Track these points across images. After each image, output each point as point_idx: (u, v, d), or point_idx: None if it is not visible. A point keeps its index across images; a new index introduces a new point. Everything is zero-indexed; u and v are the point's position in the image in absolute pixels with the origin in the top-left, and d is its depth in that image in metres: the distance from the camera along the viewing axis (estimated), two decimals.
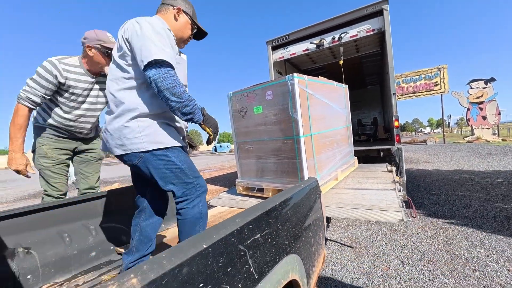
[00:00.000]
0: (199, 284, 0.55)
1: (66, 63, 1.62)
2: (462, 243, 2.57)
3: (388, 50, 3.99)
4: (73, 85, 1.65)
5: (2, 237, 1.24)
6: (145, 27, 1.12)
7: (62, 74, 1.59)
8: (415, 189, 5.10)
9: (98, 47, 1.64)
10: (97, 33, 1.67)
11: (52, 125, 1.68)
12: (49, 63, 1.55)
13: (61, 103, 1.66)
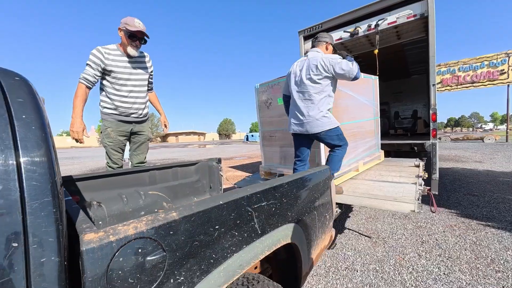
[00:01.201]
0: (215, 226, 0.81)
1: (107, 48, 2.05)
2: (493, 245, 2.45)
3: (430, 37, 3.71)
4: (114, 65, 2.06)
5: (82, 193, 1.70)
6: (334, 57, 2.08)
7: (105, 56, 2.02)
8: (455, 189, 4.74)
9: (124, 29, 2.00)
10: (127, 18, 2.03)
11: (113, 112, 2.12)
12: (95, 50, 2.01)
13: (113, 84, 2.08)
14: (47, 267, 0.50)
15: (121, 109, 2.15)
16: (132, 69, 2.16)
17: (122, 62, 2.10)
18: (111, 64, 2.04)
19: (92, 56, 2.00)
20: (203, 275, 0.74)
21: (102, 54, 2.01)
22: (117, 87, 2.10)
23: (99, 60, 2.00)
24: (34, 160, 0.53)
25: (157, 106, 2.62)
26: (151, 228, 0.66)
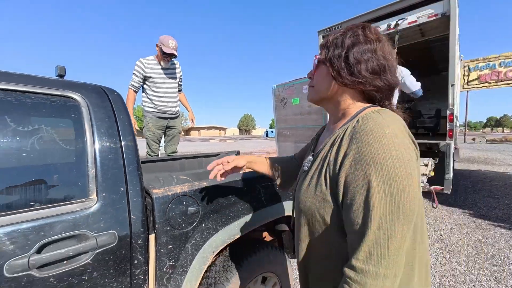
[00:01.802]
0: (233, 194, 1.15)
1: (147, 59, 2.52)
2: (498, 244, 2.52)
3: (451, 37, 3.70)
4: (152, 72, 2.52)
5: None
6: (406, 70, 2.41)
7: (145, 66, 2.49)
8: (475, 191, 4.65)
9: (160, 47, 2.44)
10: (164, 37, 2.46)
11: (153, 110, 2.58)
12: (138, 61, 2.50)
13: (152, 87, 2.55)
14: (137, 204, 0.87)
15: (159, 107, 2.59)
16: (166, 75, 2.62)
17: (158, 70, 2.57)
18: (150, 72, 2.51)
19: (136, 66, 2.51)
20: (223, 226, 1.09)
21: (143, 64, 2.49)
22: (155, 89, 2.55)
23: (141, 69, 2.49)
24: (128, 143, 0.90)
25: (186, 104, 3.05)
26: (190, 189, 1.01)
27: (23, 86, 0.76)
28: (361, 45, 0.59)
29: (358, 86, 0.60)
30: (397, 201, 0.45)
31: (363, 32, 0.61)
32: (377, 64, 0.58)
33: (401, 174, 0.46)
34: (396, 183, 0.45)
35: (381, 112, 0.54)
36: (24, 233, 0.66)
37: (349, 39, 0.60)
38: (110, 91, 0.95)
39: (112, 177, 0.83)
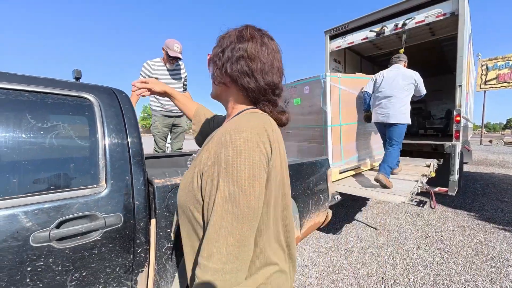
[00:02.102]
0: None
1: (153, 61, 2.68)
2: (499, 246, 2.51)
3: (459, 37, 3.66)
4: (158, 73, 2.68)
5: None
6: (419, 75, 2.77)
7: (152, 68, 2.65)
8: (484, 194, 4.55)
9: (166, 51, 2.59)
10: (170, 41, 2.61)
11: (159, 109, 2.73)
12: (145, 63, 2.68)
13: None
14: (140, 191, 0.99)
15: (165, 107, 2.73)
16: (171, 76, 2.78)
17: (164, 71, 2.73)
18: (156, 73, 2.67)
19: (143, 68, 2.69)
20: None
21: (150, 66, 2.66)
22: None
23: (148, 71, 2.67)
24: (133, 139, 1.03)
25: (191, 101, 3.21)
26: None
27: (46, 88, 0.90)
28: (234, 45, 0.60)
29: (228, 85, 0.62)
30: (238, 201, 0.47)
31: (240, 32, 0.62)
32: (245, 63, 0.59)
33: (245, 175, 0.47)
34: (238, 184, 0.47)
35: (248, 116, 0.57)
36: (47, 211, 0.79)
37: (228, 39, 0.62)
38: (119, 92, 1.08)
39: (119, 167, 0.95)
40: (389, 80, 2.78)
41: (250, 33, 0.61)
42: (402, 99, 2.70)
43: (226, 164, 0.48)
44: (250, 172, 0.48)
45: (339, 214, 3.53)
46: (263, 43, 0.61)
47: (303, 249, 2.53)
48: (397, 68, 2.91)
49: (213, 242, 0.47)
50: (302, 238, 1.79)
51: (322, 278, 2.03)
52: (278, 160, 0.56)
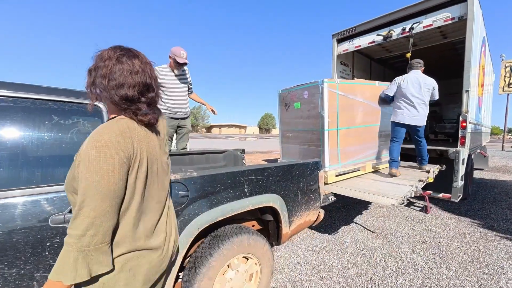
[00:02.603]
0: (218, 184, 1.40)
1: (161, 68, 2.89)
2: (497, 254, 2.49)
3: (467, 41, 3.61)
4: (166, 79, 2.89)
5: None
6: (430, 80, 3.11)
7: (160, 73, 2.85)
8: (494, 202, 4.42)
9: (173, 58, 2.79)
10: (176, 48, 2.81)
11: (166, 111, 2.94)
12: (155, 69, 2.81)
13: (166, 91, 2.91)
14: None
15: (171, 109, 2.93)
16: (177, 81, 2.98)
17: (171, 76, 2.94)
18: (163, 78, 2.88)
19: None
20: (208, 209, 1.35)
21: (158, 72, 2.87)
22: (168, 94, 2.90)
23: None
24: None
25: (200, 101, 3.41)
26: (182, 178, 1.28)
27: (66, 98, 1.09)
28: (97, 64, 0.74)
29: (99, 98, 0.76)
30: (100, 186, 0.65)
31: (102, 53, 0.75)
32: (101, 81, 0.72)
33: (105, 167, 0.65)
34: (99, 174, 0.65)
35: (112, 122, 0.73)
36: (63, 199, 0.97)
37: (97, 58, 0.75)
38: None
39: None
40: (415, 85, 3.07)
41: (108, 54, 0.74)
42: (427, 104, 3.12)
43: (90, 160, 0.65)
44: (109, 165, 0.66)
45: (338, 216, 3.60)
46: (119, 62, 0.74)
47: (298, 247, 2.64)
48: (417, 74, 3.17)
49: (75, 216, 0.64)
50: (292, 235, 1.90)
51: (312, 275, 2.13)
52: (139, 155, 0.74)
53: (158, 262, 0.83)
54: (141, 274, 0.77)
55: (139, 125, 0.78)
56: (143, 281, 0.78)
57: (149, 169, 0.79)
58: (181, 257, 1.26)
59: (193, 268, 1.36)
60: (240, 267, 1.53)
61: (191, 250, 1.48)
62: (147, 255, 0.80)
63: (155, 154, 0.83)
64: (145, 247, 0.79)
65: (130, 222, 0.75)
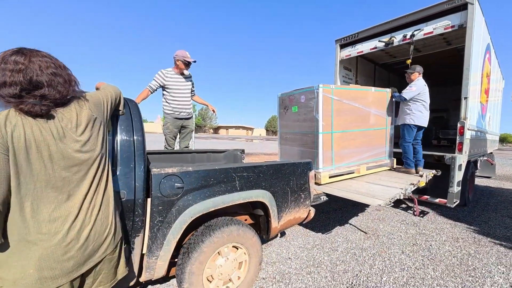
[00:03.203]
0: (212, 179, 1.56)
1: (167, 70, 3.08)
2: (486, 259, 2.53)
3: (466, 49, 3.66)
4: (171, 81, 3.07)
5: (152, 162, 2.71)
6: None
7: (165, 76, 3.05)
8: (495, 209, 4.40)
9: (182, 60, 3.00)
10: (181, 52, 3.03)
11: (171, 112, 3.14)
12: (160, 71, 3.07)
13: (170, 93, 3.10)
14: (140, 176, 1.32)
15: (176, 109, 3.13)
16: (181, 84, 3.17)
17: (176, 79, 3.14)
18: (169, 81, 3.08)
19: (157, 75, 3.08)
20: (201, 200, 1.50)
21: (164, 74, 3.07)
22: (173, 95, 3.11)
23: (161, 78, 3.07)
24: (138, 137, 1.37)
25: (202, 102, 3.62)
26: (178, 171, 1.45)
27: None
28: None
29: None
30: None
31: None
32: None
33: None
34: None
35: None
36: None
37: None
38: (130, 101, 1.43)
39: (126, 157, 1.30)
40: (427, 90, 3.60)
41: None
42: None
43: None
44: None
45: (334, 217, 3.69)
46: (3, 62, 0.82)
47: (290, 244, 2.76)
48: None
49: None
50: (281, 229, 2.03)
51: (301, 269, 2.25)
52: (17, 143, 0.80)
53: (56, 251, 0.85)
54: (33, 259, 0.82)
55: (26, 116, 0.84)
56: (36, 267, 0.82)
57: (32, 155, 0.83)
58: (175, 242, 1.42)
59: (186, 253, 1.52)
60: (230, 255, 1.68)
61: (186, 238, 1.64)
62: (39, 242, 0.83)
63: (46, 141, 0.85)
64: (36, 233, 0.83)
65: (15, 207, 0.81)
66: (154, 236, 1.36)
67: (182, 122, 3.24)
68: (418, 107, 3.49)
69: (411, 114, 3.49)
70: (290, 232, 3.07)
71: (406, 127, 3.53)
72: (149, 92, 3.04)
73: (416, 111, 3.48)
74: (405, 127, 3.56)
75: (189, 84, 3.23)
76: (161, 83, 3.05)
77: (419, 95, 3.50)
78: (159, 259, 1.39)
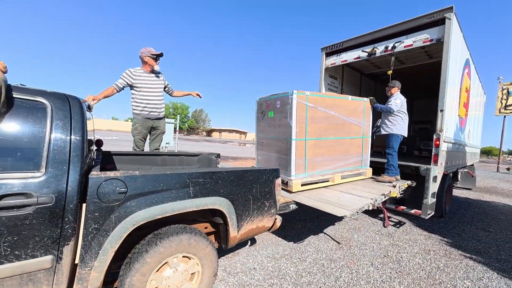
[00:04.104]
0: (161, 184, 1.46)
1: (135, 69, 2.98)
2: (455, 273, 2.51)
3: (443, 63, 3.72)
4: (140, 80, 2.97)
5: (116, 163, 2.59)
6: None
7: (133, 75, 2.94)
8: (471, 222, 4.44)
9: (149, 55, 2.93)
10: (146, 48, 2.97)
11: (140, 112, 3.03)
12: (128, 70, 2.96)
13: (140, 91, 2.99)
14: (74, 180, 1.22)
15: (146, 109, 3.02)
16: (152, 82, 3.07)
17: (145, 77, 3.03)
18: (137, 79, 2.97)
19: (125, 73, 2.97)
20: (147, 206, 1.41)
21: (132, 73, 2.96)
22: (143, 94, 3.01)
23: (129, 77, 2.96)
24: (76, 137, 1.27)
25: (184, 93, 3.53)
26: (122, 175, 1.35)
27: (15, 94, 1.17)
28: None
29: None
30: None
31: None
32: None
33: None
34: None
35: None
36: None
37: None
38: (72, 98, 1.34)
39: (58, 158, 1.20)
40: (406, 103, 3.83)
41: None
42: None
43: None
44: None
45: (310, 226, 3.62)
46: None
47: (259, 253, 2.67)
48: None
49: None
50: (242, 239, 1.95)
51: (263, 281, 2.16)
52: None
53: None
54: None
55: None
56: None
57: None
58: (113, 252, 1.31)
59: (128, 264, 1.41)
60: (180, 266, 1.58)
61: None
62: None
63: None
64: None
65: None
66: (88, 244, 1.25)
67: (152, 123, 3.13)
68: (402, 119, 3.75)
69: (397, 125, 3.73)
70: (260, 241, 2.98)
71: (394, 137, 3.70)
72: (114, 90, 2.91)
73: (401, 122, 3.73)
74: (393, 137, 3.70)
75: (160, 82, 3.13)
76: (129, 82, 2.94)
77: (401, 107, 3.77)
78: (94, 270, 1.28)
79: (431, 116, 9.08)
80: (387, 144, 3.75)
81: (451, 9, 3.60)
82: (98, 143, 2.56)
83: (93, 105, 2.41)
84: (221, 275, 2.20)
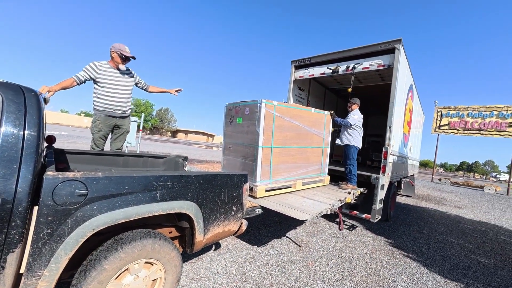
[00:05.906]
0: (126, 187, 1.41)
1: (100, 63, 2.80)
2: (394, 270, 2.87)
3: (392, 85, 4.27)
4: (105, 75, 2.79)
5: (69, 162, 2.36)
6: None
7: (98, 69, 2.76)
8: (410, 224, 5.10)
9: (119, 53, 2.78)
10: (119, 44, 2.82)
11: (103, 109, 2.83)
12: (92, 63, 2.76)
13: (103, 89, 2.79)
14: (25, 180, 1.11)
15: (109, 106, 2.84)
16: (117, 79, 2.89)
17: (110, 73, 2.84)
18: (102, 74, 2.77)
19: (88, 66, 2.75)
20: (109, 210, 1.34)
21: (96, 67, 2.76)
22: (107, 90, 2.82)
23: (93, 70, 2.75)
24: (30, 133, 1.17)
25: (161, 90, 3.37)
26: (83, 177, 1.27)
27: None
28: None
29: None
30: None
31: None
32: None
33: None
34: None
35: None
36: None
37: None
38: (28, 90, 1.23)
39: (8, 156, 1.08)
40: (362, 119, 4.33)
41: None
42: None
43: None
44: None
45: (273, 230, 3.76)
46: None
47: (223, 257, 2.68)
48: None
49: None
50: (207, 243, 1.95)
51: (227, 285, 2.19)
52: None
53: None
54: None
55: None
56: None
57: None
58: (67, 259, 1.22)
59: (83, 272, 1.32)
60: (141, 272, 1.52)
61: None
62: None
63: None
64: None
65: None
66: (38, 252, 1.14)
67: (116, 121, 2.94)
68: (358, 133, 4.25)
69: (355, 137, 4.20)
70: (225, 245, 3.00)
71: (353, 148, 4.13)
72: (74, 82, 2.66)
73: (358, 136, 4.23)
74: (351, 149, 4.12)
75: (128, 80, 2.97)
76: (92, 76, 2.74)
77: (358, 122, 4.24)
78: (42, 280, 1.17)
79: (383, 131, 10.30)
80: (347, 155, 4.13)
81: (399, 41, 4.17)
82: (50, 140, 2.31)
83: (49, 97, 2.18)
84: (184, 281, 2.15)
